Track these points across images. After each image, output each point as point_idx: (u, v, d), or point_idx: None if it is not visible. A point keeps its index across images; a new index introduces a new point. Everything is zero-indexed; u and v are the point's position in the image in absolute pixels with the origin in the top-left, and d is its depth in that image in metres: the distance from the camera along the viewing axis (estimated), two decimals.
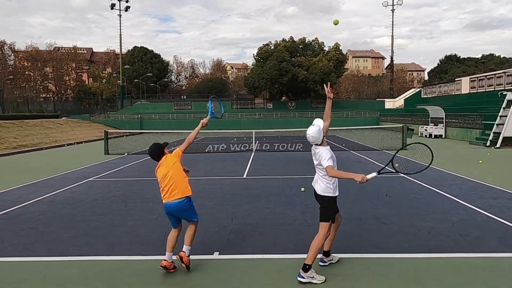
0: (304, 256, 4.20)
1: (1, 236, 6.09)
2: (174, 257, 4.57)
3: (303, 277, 4.23)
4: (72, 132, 34.21)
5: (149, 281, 4.33)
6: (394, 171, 4.66)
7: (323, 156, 4.26)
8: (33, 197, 8.99)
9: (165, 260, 4.49)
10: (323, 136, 4.36)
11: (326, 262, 4.70)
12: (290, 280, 4.29)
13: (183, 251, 4.54)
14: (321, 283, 4.22)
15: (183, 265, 4.50)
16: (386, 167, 4.41)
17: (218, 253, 5.16)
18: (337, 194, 4.42)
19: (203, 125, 4.96)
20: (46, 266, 4.85)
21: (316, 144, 4.36)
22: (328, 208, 4.38)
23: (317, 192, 4.42)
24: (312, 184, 4.55)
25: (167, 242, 4.64)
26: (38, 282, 4.36)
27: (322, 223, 4.36)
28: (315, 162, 4.44)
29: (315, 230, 5.98)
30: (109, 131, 21.87)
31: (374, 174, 4.25)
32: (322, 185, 4.37)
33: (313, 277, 4.24)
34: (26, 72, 71.80)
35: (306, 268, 4.24)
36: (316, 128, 4.30)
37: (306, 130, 4.37)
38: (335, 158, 4.35)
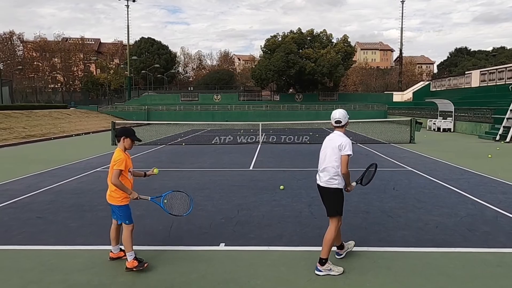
0: (310, 248, 4.18)
1: (9, 224, 6.17)
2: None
3: (320, 270, 4.23)
4: (80, 122, 34.42)
5: (154, 270, 4.35)
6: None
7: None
8: (41, 186, 9.07)
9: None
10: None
11: (342, 254, 4.68)
12: (295, 272, 4.29)
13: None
14: (340, 274, 4.21)
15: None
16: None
17: (224, 244, 5.16)
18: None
19: (133, 197, 4.36)
20: (53, 254, 4.90)
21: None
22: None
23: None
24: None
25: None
26: (45, 271, 4.40)
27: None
28: None
29: (320, 223, 5.98)
30: (116, 122, 21.95)
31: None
32: None
33: (330, 269, 4.24)
34: (35, 63, 72.23)
35: (323, 262, 4.24)
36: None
37: (312, 123, 4.36)
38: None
